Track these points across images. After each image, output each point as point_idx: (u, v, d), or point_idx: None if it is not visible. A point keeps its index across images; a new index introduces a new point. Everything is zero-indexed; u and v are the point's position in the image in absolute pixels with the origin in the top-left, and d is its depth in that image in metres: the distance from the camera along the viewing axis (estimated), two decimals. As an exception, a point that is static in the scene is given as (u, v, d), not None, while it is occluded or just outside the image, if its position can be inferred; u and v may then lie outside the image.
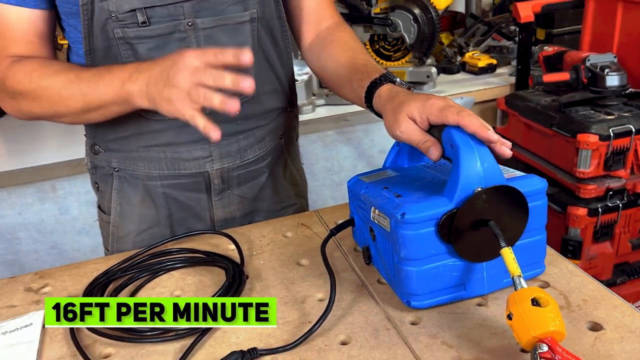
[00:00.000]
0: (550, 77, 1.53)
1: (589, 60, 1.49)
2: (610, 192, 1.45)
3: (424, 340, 0.67)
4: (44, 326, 0.75)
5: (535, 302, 0.59)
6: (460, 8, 2.43)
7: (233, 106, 0.71)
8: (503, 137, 0.71)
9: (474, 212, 0.66)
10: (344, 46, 0.98)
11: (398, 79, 0.84)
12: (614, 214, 1.47)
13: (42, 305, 0.80)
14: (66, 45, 0.96)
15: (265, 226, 0.98)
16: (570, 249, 1.48)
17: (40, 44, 0.89)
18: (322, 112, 1.74)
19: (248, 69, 0.92)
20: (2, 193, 1.49)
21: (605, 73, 1.44)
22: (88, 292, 0.80)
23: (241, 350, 0.65)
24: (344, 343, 0.68)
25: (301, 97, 1.71)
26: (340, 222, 0.88)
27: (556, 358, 0.57)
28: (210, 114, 0.83)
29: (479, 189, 0.66)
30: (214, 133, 0.72)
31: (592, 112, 1.46)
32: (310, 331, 0.68)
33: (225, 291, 0.77)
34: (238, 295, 0.77)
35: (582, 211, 1.45)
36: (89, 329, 0.73)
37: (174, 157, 0.95)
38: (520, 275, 0.63)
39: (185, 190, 0.99)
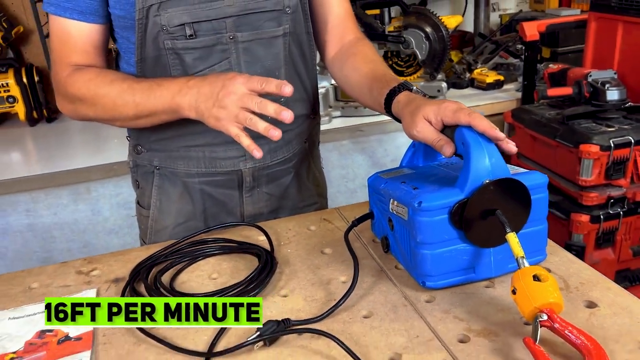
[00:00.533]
0: (554, 92, 1.63)
1: (590, 76, 1.58)
2: (612, 200, 1.53)
3: (437, 314, 0.75)
4: (97, 302, 0.84)
5: (536, 277, 0.68)
6: (470, 28, 2.55)
7: (276, 134, 0.82)
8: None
9: (482, 201, 0.75)
10: (365, 58, 1.08)
11: (415, 87, 0.94)
12: (615, 221, 1.55)
13: (93, 285, 0.90)
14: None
15: (290, 221, 1.07)
16: (574, 254, 1.55)
17: (96, 53, 1.01)
18: (338, 123, 1.84)
19: (278, 77, 1.02)
20: (40, 194, 1.59)
21: (606, 88, 1.53)
22: (134, 274, 0.89)
23: (276, 320, 0.74)
24: (366, 317, 0.76)
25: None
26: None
27: (555, 326, 0.65)
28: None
29: (487, 181, 0.75)
30: (257, 152, 0.83)
31: (594, 124, 1.55)
32: (337, 305, 0.76)
33: (259, 273, 0.85)
34: (270, 277, 0.86)
35: (584, 218, 1.53)
36: (138, 303, 0.82)
37: (212, 156, 1.05)
38: (523, 257, 0.72)
39: (220, 187, 1.09)
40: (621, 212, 1.55)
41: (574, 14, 2.02)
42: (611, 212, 1.54)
